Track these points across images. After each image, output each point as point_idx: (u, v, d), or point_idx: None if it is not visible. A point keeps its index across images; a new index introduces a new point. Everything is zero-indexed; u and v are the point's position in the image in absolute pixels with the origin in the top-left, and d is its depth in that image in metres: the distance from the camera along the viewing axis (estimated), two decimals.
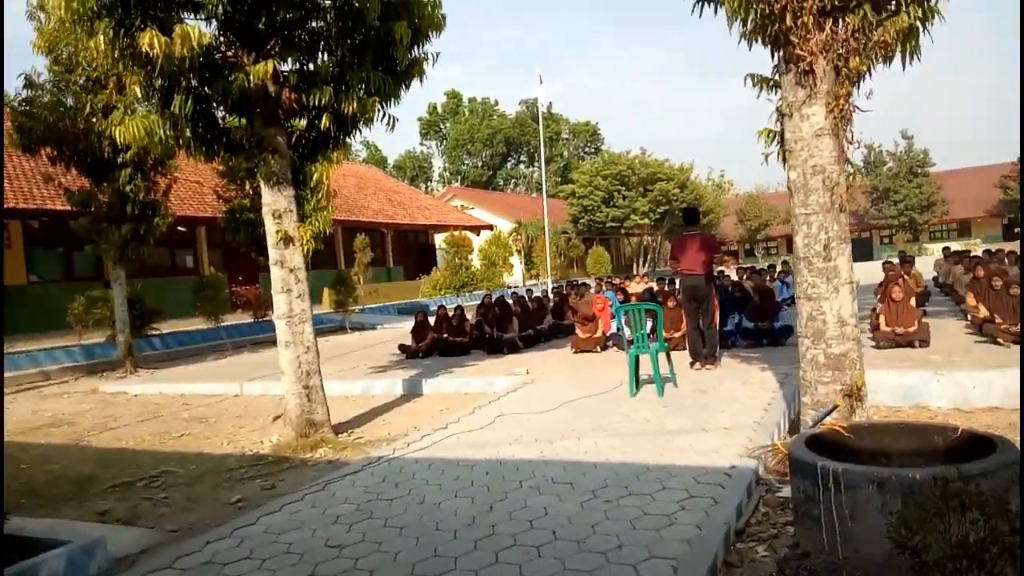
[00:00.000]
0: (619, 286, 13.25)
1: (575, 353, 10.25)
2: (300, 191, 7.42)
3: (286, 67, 6.57)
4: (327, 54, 6.64)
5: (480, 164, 66.65)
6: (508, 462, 5.07)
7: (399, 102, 6.85)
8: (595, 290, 13.74)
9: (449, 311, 11.82)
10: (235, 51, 6.26)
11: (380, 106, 6.67)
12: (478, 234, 33.59)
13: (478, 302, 12.98)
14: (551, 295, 14.85)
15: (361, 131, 6.99)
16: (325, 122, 6.37)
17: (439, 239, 33.71)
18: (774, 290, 11.29)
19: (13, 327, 15.43)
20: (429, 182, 67.68)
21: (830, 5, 4.28)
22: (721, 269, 11.18)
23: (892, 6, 4.33)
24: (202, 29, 5.63)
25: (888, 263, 12.87)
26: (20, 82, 11.54)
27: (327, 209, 7.98)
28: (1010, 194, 46.19)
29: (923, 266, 14.17)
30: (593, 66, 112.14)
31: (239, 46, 6.26)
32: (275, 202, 6.58)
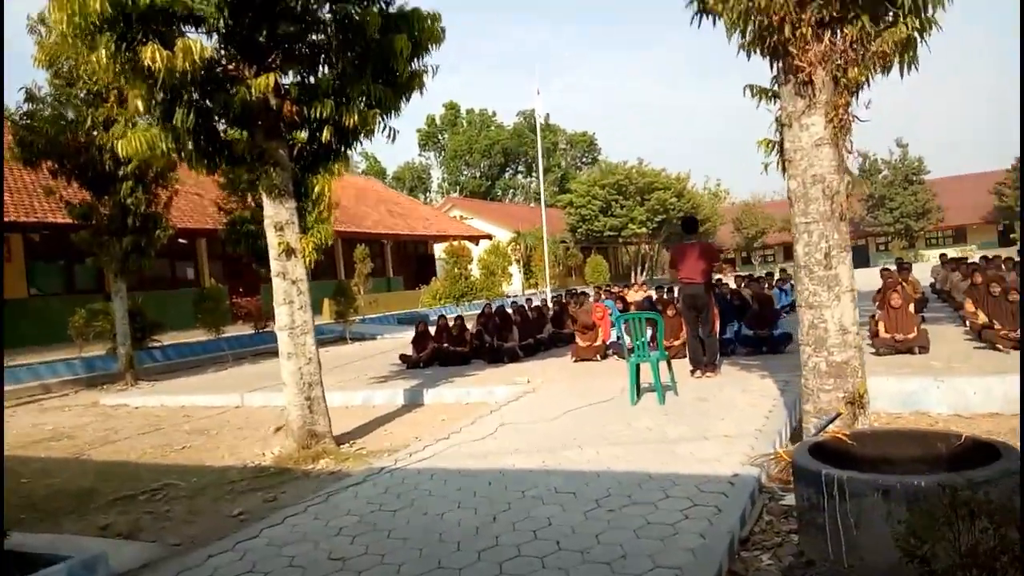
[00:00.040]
0: (618, 295, 13.27)
1: (575, 362, 10.25)
2: (302, 203, 7.44)
3: (287, 80, 6.61)
4: (328, 67, 6.68)
5: (478, 174, 66.81)
6: (510, 472, 5.06)
7: (399, 114, 6.90)
8: (594, 299, 13.76)
9: (449, 321, 11.82)
10: (236, 64, 6.30)
11: (381, 118, 6.72)
12: (477, 244, 33.65)
13: (478, 312, 12.98)
14: (551, 304, 14.85)
15: (362, 143, 7.03)
16: (326, 134, 6.41)
17: (438, 249, 33.76)
18: (773, 298, 11.32)
19: (14, 340, 15.39)
20: (428, 193, 67.82)
21: (828, 16, 4.31)
22: (719, 277, 11.20)
23: (890, 17, 4.36)
24: (204, 43, 5.67)
25: (886, 270, 12.88)
26: (21, 96, 11.63)
27: (328, 221, 8.00)
28: (1005, 201, 46.35)
29: (920, 273, 14.17)
30: (590, 74, 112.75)
31: (240, 59, 6.30)
32: (277, 214, 6.60)
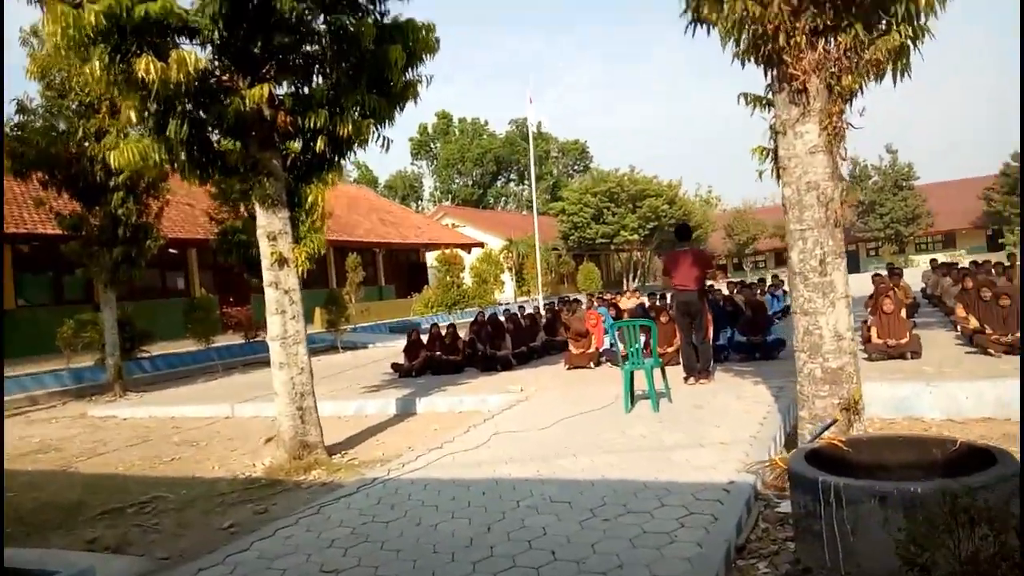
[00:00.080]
0: (611, 302, 13.28)
1: (569, 369, 10.24)
2: (295, 213, 7.41)
3: (281, 90, 6.60)
4: (322, 77, 6.67)
5: (470, 183, 66.89)
6: (505, 481, 5.03)
7: (393, 124, 6.90)
8: (587, 306, 13.76)
9: (442, 329, 11.79)
10: (230, 75, 6.29)
11: (375, 128, 6.71)
12: (469, 252, 33.64)
13: (470, 320, 12.95)
14: (543, 311, 14.84)
15: (356, 152, 7.02)
16: (320, 144, 6.39)
17: (430, 257, 33.72)
18: (765, 304, 11.35)
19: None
20: (420, 201, 67.84)
21: (822, 25, 4.34)
22: (710, 284, 11.23)
23: (883, 25, 4.40)
24: (198, 54, 5.65)
25: (877, 276, 12.97)
26: (12, 107, 11.58)
27: (322, 230, 7.98)
28: (993, 206, 46.78)
29: (910, 278, 14.27)
30: (582, 83, 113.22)
31: (234, 70, 6.28)
32: (270, 224, 6.58)
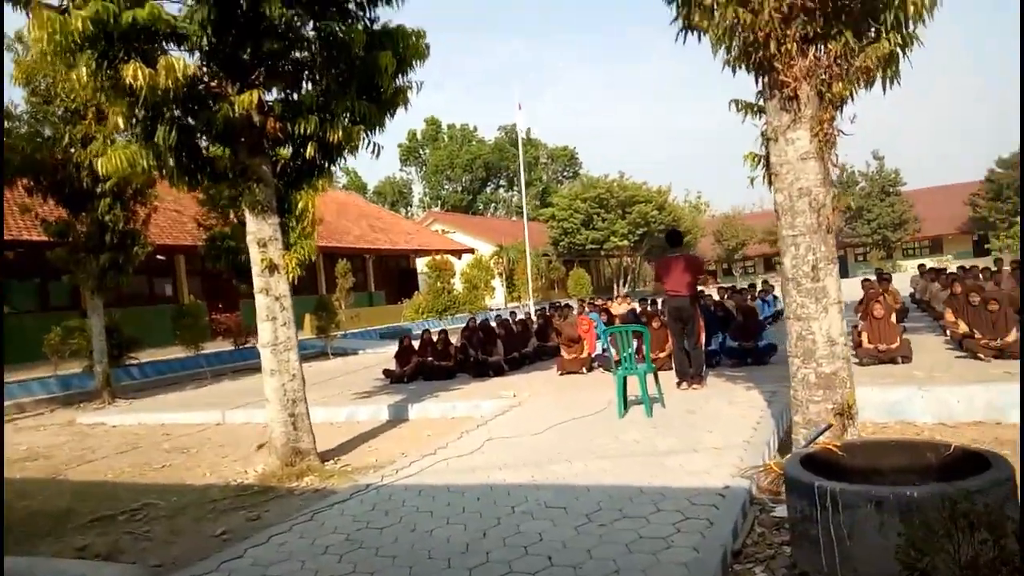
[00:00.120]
0: (602, 307, 13.30)
1: (561, 375, 10.24)
2: (285, 219, 7.39)
3: (271, 97, 6.58)
4: (312, 83, 6.66)
5: (460, 189, 66.92)
6: (499, 487, 5.02)
7: (384, 130, 6.89)
8: (578, 311, 13.77)
9: (434, 335, 11.77)
10: (219, 81, 6.26)
11: (365, 134, 6.70)
12: (459, 258, 33.62)
13: (461, 325, 12.93)
14: (535, 317, 14.84)
15: (346, 159, 7.00)
16: (310, 151, 6.38)
17: (421, 263, 33.67)
18: (757, 309, 11.40)
19: None
20: (409, 207, 67.79)
21: (813, 32, 4.38)
22: (701, 289, 11.26)
23: (872, 33, 4.44)
24: (186, 60, 5.62)
25: (867, 281, 13.06)
26: None
27: (312, 236, 7.95)
28: (979, 212, 47.41)
29: (898, 283, 14.36)
30: (572, 90, 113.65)
31: (223, 76, 6.25)
32: (260, 230, 6.55)
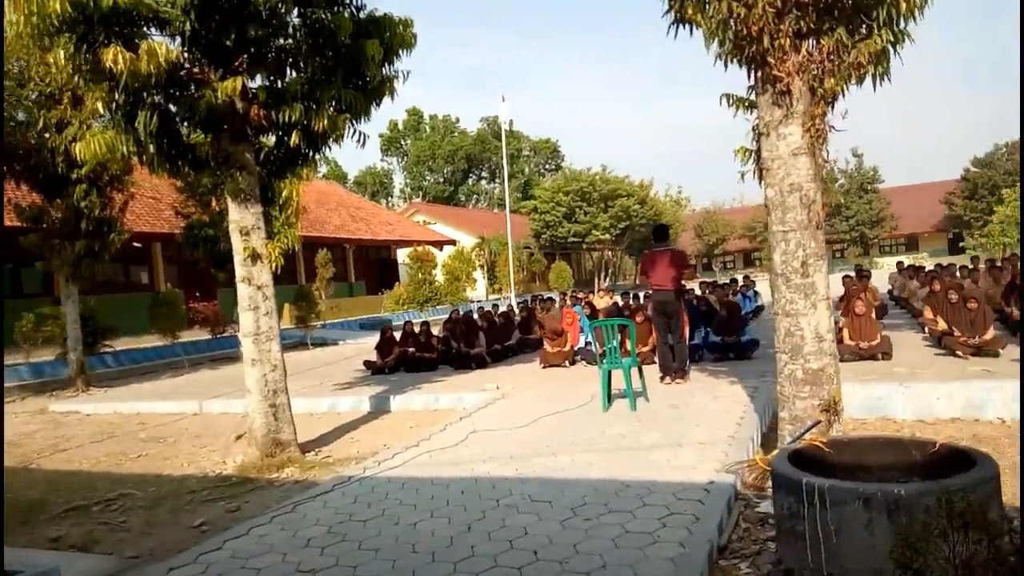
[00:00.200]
0: (586, 300, 13.31)
1: (544, 368, 10.23)
2: (268, 208, 7.28)
3: (255, 84, 6.47)
4: (297, 71, 6.55)
5: (442, 180, 66.59)
6: (484, 480, 4.99)
7: (369, 119, 6.81)
8: (560, 304, 13.77)
9: (416, 326, 11.70)
10: (202, 67, 6.13)
11: (351, 123, 6.62)
12: (441, 249, 33.49)
13: (442, 317, 12.86)
14: (517, 309, 14.81)
15: (331, 147, 6.91)
16: (295, 139, 6.29)
17: (402, 254, 33.47)
18: (739, 304, 11.47)
19: None
20: (390, 198, 67.35)
21: (806, 28, 4.37)
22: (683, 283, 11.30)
23: (864, 29, 4.45)
24: (168, 46, 5.49)
25: (848, 278, 13.19)
26: None
27: (296, 225, 7.85)
28: (954, 210, 48.28)
29: (875, 280, 14.52)
30: (554, 84, 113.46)
31: (206, 62, 6.13)
32: (243, 219, 6.44)
